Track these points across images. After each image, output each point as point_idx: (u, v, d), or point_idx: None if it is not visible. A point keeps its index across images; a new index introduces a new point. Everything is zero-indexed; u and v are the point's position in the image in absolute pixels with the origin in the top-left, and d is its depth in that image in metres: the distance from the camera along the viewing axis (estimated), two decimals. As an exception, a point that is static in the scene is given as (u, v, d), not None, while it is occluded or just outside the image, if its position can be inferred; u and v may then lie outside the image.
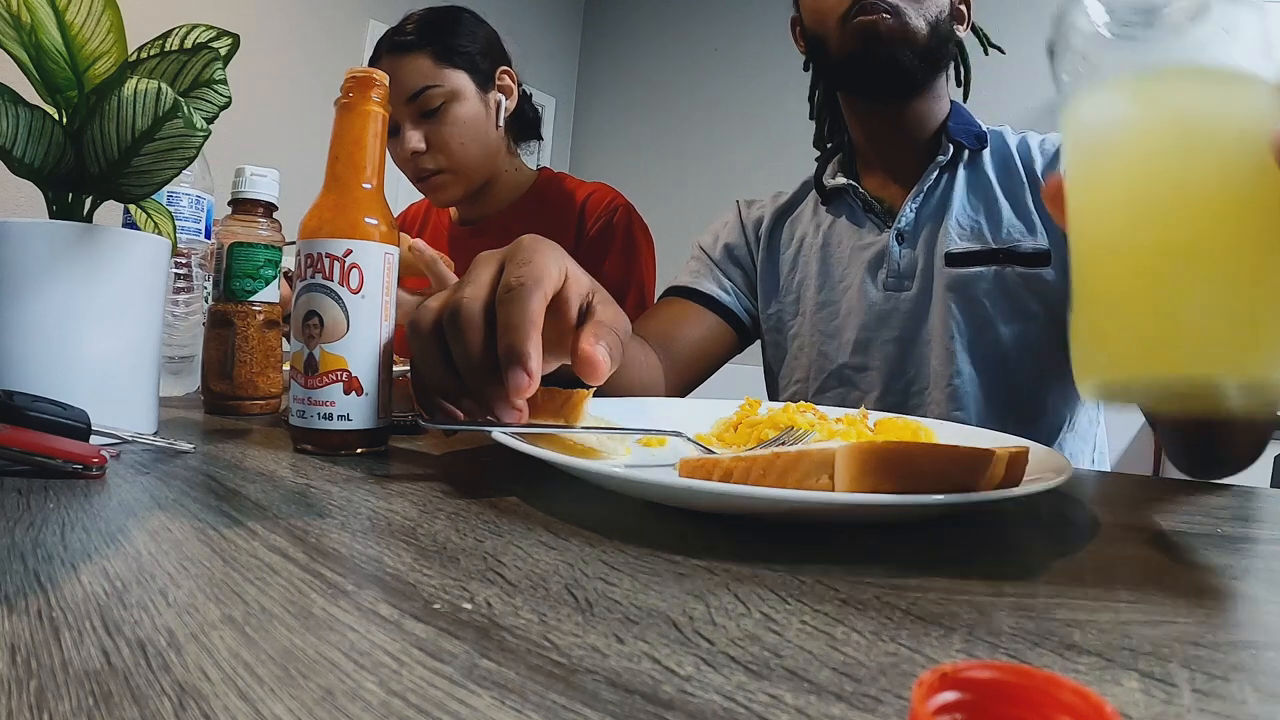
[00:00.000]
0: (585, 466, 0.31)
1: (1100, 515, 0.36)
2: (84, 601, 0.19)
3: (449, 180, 1.01)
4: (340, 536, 0.27)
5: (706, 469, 0.31)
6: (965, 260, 0.76)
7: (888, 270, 0.79)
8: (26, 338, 0.39)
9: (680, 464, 0.33)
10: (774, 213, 0.91)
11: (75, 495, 0.30)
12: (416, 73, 0.97)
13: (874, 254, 0.81)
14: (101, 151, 0.40)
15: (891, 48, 0.72)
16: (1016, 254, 0.74)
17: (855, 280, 0.81)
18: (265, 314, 0.59)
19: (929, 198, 0.79)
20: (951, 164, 0.79)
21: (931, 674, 0.13)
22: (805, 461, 0.28)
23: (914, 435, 0.47)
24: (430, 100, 0.97)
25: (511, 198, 1.10)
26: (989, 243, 0.75)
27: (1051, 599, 0.23)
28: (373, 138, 0.43)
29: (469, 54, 1.01)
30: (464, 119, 0.99)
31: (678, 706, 0.16)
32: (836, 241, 0.85)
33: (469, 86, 1.00)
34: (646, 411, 0.52)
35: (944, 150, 0.78)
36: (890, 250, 0.79)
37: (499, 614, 0.20)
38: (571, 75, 3.92)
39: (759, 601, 0.22)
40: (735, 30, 3.29)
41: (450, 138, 0.99)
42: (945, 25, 0.75)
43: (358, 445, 0.43)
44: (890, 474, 0.27)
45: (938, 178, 0.79)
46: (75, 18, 0.39)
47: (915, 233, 0.79)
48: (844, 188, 0.84)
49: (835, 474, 0.27)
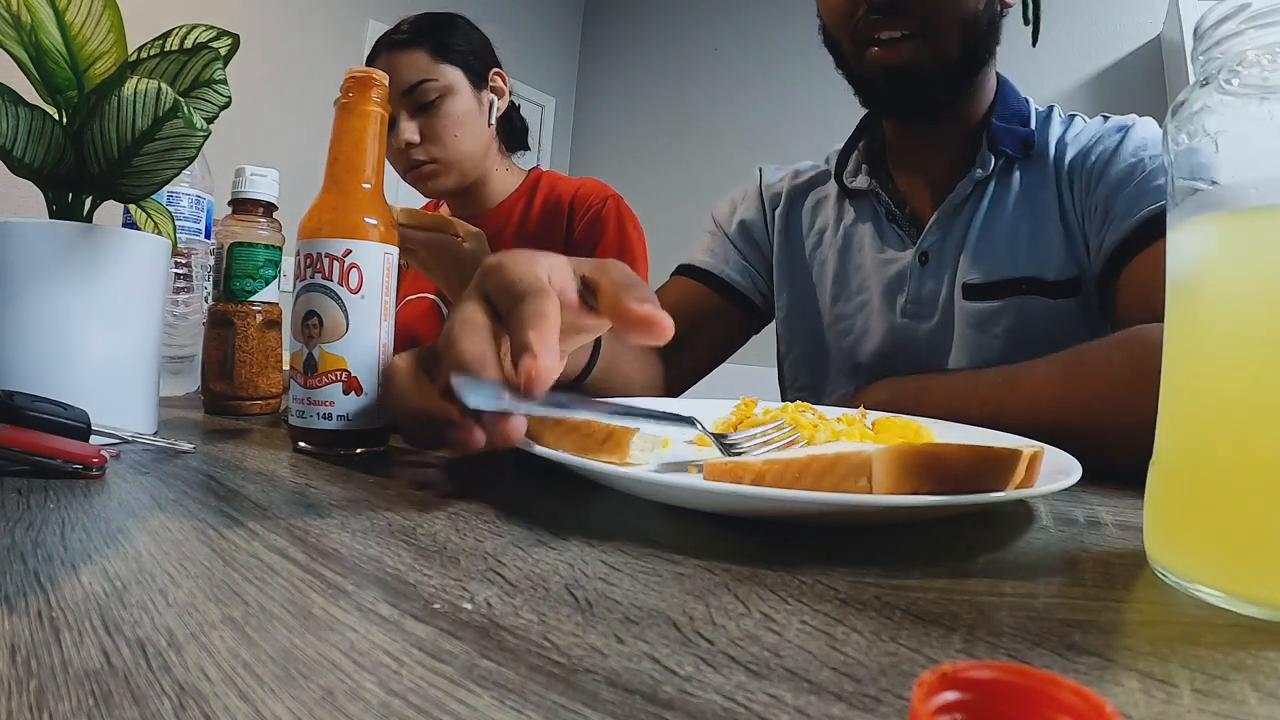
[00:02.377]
0: (618, 474, 0.30)
1: (1101, 515, 0.36)
2: (84, 601, 0.19)
3: (439, 170, 1.03)
4: (340, 536, 0.27)
5: (736, 473, 0.30)
6: (983, 293, 0.68)
7: (908, 297, 0.72)
8: (26, 338, 0.39)
9: (707, 467, 0.32)
10: (790, 191, 0.84)
11: (75, 495, 0.30)
12: (413, 67, 0.99)
13: (895, 274, 0.74)
14: (101, 151, 0.40)
15: (917, 84, 0.65)
16: (1041, 284, 0.67)
17: (874, 299, 0.75)
18: (265, 314, 0.59)
19: (958, 214, 0.71)
20: (988, 177, 0.70)
21: (931, 674, 0.13)
22: (842, 465, 0.28)
23: (915, 435, 0.47)
24: (426, 93, 0.99)
25: (502, 196, 1.12)
26: (1010, 273, 0.67)
27: (1051, 599, 0.23)
28: (372, 138, 0.43)
29: (464, 52, 1.03)
30: (458, 113, 1.01)
31: (678, 706, 0.16)
32: (858, 246, 0.77)
33: (463, 83, 1.03)
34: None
35: (983, 163, 0.69)
36: (911, 272, 0.72)
37: (499, 614, 0.20)
38: (571, 75, 3.92)
39: (759, 601, 0.22)
40: (735, 30, 3.29)
41: (444, 130, 1.00)
42: (986, 9, 0.65)
43: (357, 445, 0.42)
44: (929, 476, 0.27)
45: (971, 192, 0.70)
46: (75, 18, 0.39)
47: (940, 255, 0.71)
48: (868, 191, 0.76)
49: (873, 477, 0.27)
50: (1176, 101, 0.25)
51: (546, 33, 3.75)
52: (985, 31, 0.66)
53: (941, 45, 0.64)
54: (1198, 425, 0.25)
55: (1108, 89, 2.31)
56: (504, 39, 1.13)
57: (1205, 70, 0.24)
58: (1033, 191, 0.69)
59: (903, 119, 0.73)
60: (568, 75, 3.89)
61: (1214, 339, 0.24)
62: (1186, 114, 0.24)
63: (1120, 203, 0.62)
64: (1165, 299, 0.27)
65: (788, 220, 0.84)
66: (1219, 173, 0.24)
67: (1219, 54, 0.24)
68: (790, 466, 0.29)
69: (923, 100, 0.67)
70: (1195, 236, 0.25)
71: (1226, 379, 0.23)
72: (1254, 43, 0.23)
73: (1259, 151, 0.23)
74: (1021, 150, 0.69)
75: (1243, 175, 0.23)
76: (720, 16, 3.35)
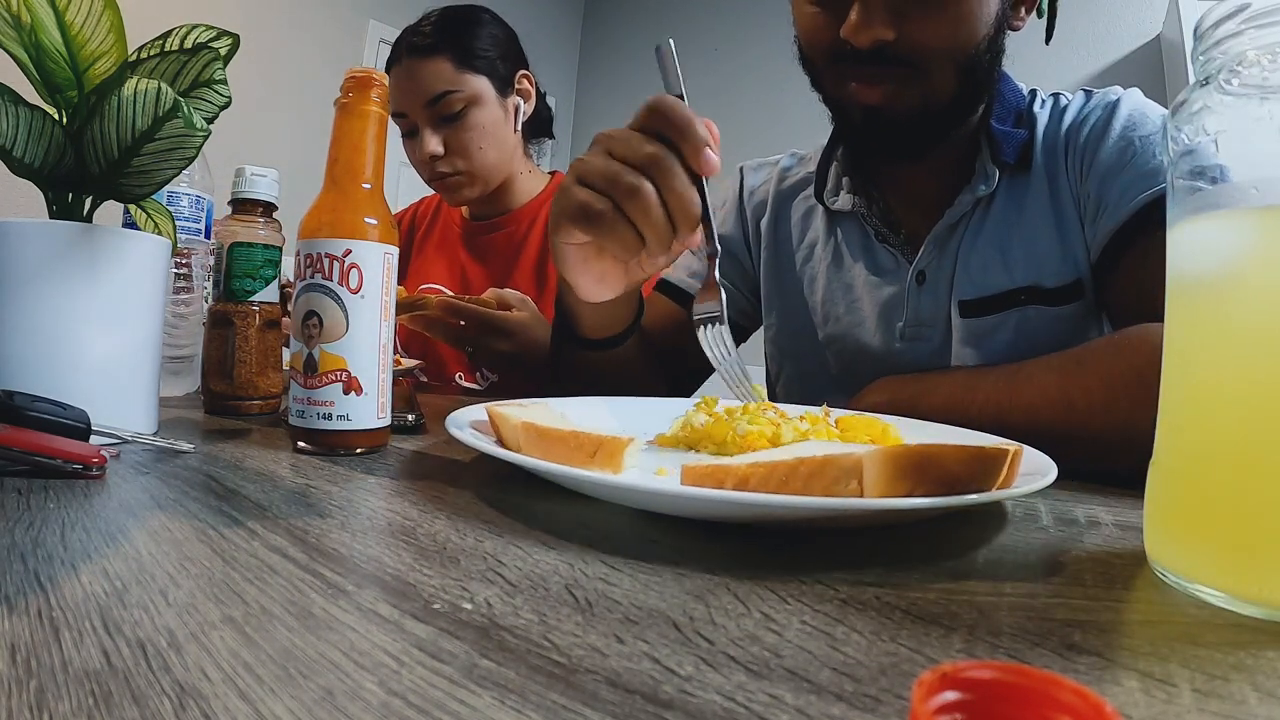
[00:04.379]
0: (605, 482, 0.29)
1: (1101, 515, 0.36)
2: (84, 601, 0.19)
3: (464, 182, 1.01)
4: (340, 536, 0.27)
5: (717, 477, 0.29)
6: (980, 308, 0.65)
7: (906, 320, 0.68)
8: (26, 338, 0.39)
9: (684, 471, 0.31)
10: (777, 197, 0.79)
11: (75, 495, 0.30)
12: (437, 77, 0.96)
13: (890, 296, 0.69)
14: (101, 151, 0.40)
15: (900, 128, 0.60)
16: (1040, 292, 0.63)
17: (869, 322, 0.71)
18: (265, 314, 0.59)
19: (954, 231, 0.66)
20: (992, 192, 0.65)
21: (931, 674, 0.13)
22: (831, 468, 0.28)
23: (882, 434, 0.45)
24: (450, 105, 0.96)
25: (526, 199, 1.10)
26: (1007, 284, 0.64)
27: (1051, 599, 0.23)
28: (372, 138, 0.43)
29: (490, 58, 1.00)
30: (483, 124, 0.99)
31: (678, 706, 0.16)
32: (850, 262, 0.72)
33: (489, 91, 1.00)
34: (600, 410, 0.51)
35: (986, 177, 0.64)
36: (909, 293, 0.68)
37: (499, 614, 0.20)
38: (571, 75, 3.92)
39: (759, 601, 0.22)
40: (735, 30, 3.29)
41: (469, 143, 0.98)
42: (990, 45, 0.59)
43: (358, 445, 0.42)
44: (923, 477, 0.27)
45: (973, 208, 0.66)
46: (75, 18, 0.39)
47: (937, 272, 0.67)
48: (853, 212, 0.71)
49: (865, 480, 0.27)
50: (1176, 101, 0.25)
51: (546, 33, 3.75)
52: (987, 68, 0.60)
53: (932, 86, 0.58)
54: (1197, 426, 0.25)
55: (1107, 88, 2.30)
56: (520, 39, 1.11)
57: (1205, 70, 0.24)
58: (1023, 195, 0.65)
59: (880, 162, 0.69)
60: (568, 75, 3.89)
61: (1214, 339, 0.24)
62: (1186, 114, 0.24)
63: (1113, 190, 0.60)
64: (1164, 298, 0.27)
65: (775, 233, 0.79)
66: (1219, 173, 0.24)
67: (1219, 54, 0.24)
68: (776, 469, 0.28)
69: (904, 145, 0.62)
70: (1195, 236, 0.25)
71: (1227, 379, 0.23)
72: (1254, 43, 0.23)
73: (1259, 151, 0.23)
74: (1019, 156, 0.64)
75: (1243, 175, 0.23)
76: (720, 16, 3.35)
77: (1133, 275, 0.59)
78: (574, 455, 0.33)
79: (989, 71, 0.61)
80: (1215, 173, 0.24)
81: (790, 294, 0.78)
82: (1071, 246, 0.63)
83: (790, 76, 0.67)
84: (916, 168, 0.68)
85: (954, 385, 0.58)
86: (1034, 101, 0.69)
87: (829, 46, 0.60)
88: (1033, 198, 0.64)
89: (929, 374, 0.62)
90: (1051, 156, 0.65)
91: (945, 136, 0.63)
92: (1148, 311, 0.50)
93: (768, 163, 0.85)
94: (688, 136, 0.44)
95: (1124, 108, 0.63)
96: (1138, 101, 0.64)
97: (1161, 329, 0.27)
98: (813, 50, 0.63)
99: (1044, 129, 0.66)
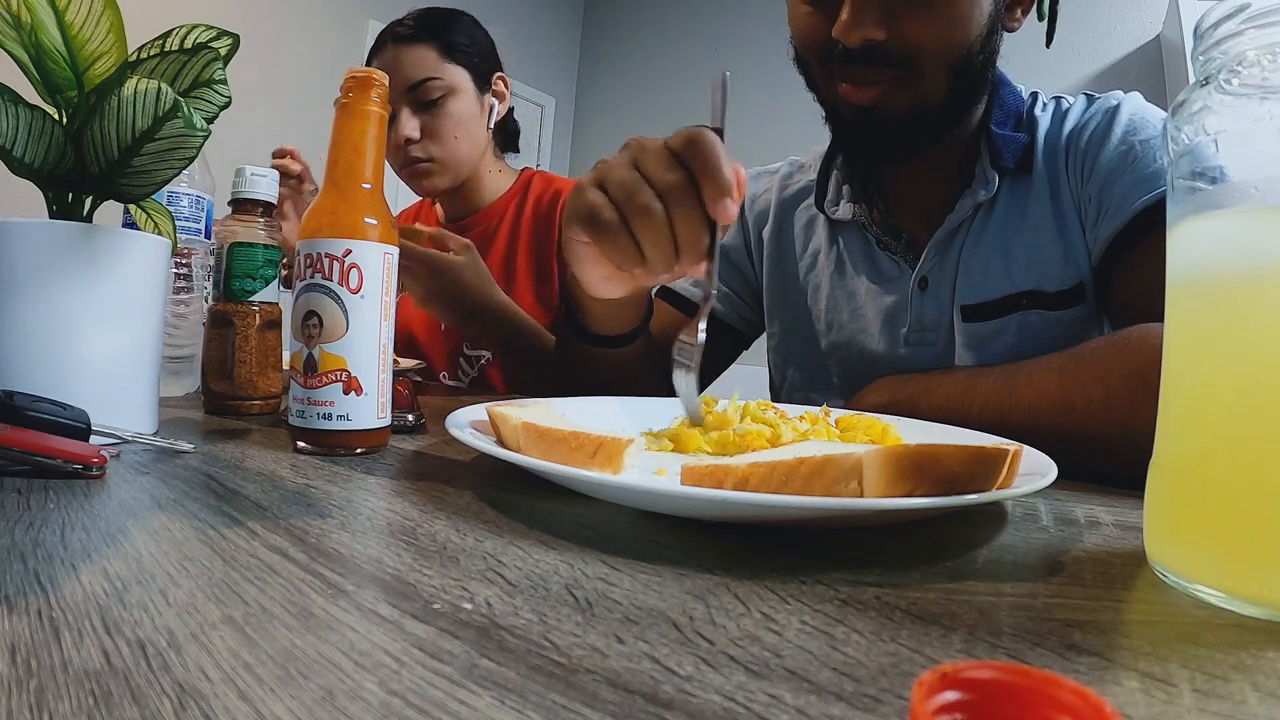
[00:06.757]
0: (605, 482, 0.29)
1: (1101, 515, 0.36)
2: (84, 601, 0.19)
3: (435, 169, 1.03)
4: (340, 536, 0.27)
5: (717, 477, 0.29)
6: (982, 313, 0.65)
7: (910, 326, 0.69)
8: (26, 338, 0.39)
9: (684, 471, 0.31)
10: (780, 206, 0.80)
11: (75, 495, 0.30)
12: (420, 63, 0.99)
13: (894, 303, 0.70)
14: (101, 151, 0.40)
15: (889, 129, 0.60)
16: (1042, 297, 0.63)
17: (873, 328, 0.71)
18: (265, 314, 0.59)
19: (956, 236, 0.66)
20: (992, 197, 0.65)
21: (931, 674, 0.13)
22: (832, 468, 0.28)
23: (882, 434, 0.46)
24: (430, 91, 0.99)
25: (494, 197, 1.12)
26: (1008, 289, 0.64)
27: (1051, 599, 0.23)
28: (372, 139, 0.43)
29: (470, 53, 1.03)
30: (459, 114, 1.01)
31: (678, 706, 0.16)
32: (853, 271, 0.73)
33: (468, 84, 1.03)
34: (600, 410, 0.51)
35: (986, 182, 0.64)
36: (912, 299, 0.68)
37: (499, 614, 0.20)
38: (571, 75, 3.92)
39: (759, 601, 0.22)
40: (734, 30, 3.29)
41: (444, 130, 1.01)
42: (983, 46, 0.59)
43: (358, 445, 0.42)
44: (923, 477, 0.27)
45: (974, 213, 0.66)
46: (75, 18, 0.39)
47: (940, 277, 0.67)
48: (854, 221, 0.72)
49: (865, 480, 0.27)
50: (1176, 101, 0.25)
51: (546, 33, 3.76)
52: (980, 69, 0.60)
53: (924, 87, 0.58)
54: (1197, 426, 0.25)
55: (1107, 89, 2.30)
56: (504, 39, 1.13)
57: (1205, 70, 0.24)
58: (1025, 199, 0.65)
59: (871, 164, 0.69)
60: (568, 75, 3.89)
61: (1214, 339, 0.24)
62: (1186, 114, 0.24)
63: (1114, 194, 0.60)
64: (1165, 298, 0.27)
65: (779, 243, 0.79)
66: (1219, 173, 0.24)
67: (1219, 54, 0.24)
68: (777, 469, 0.28)
69: (896, 146, 0.62)
70: (1195, 236, 0.25)
71: (1227, 379, 0.23)
72: (1254, 43, 0.23)
73: (1259, 151, 0.23)
74: (1019, 160, 0.64)
75: (1243, 175, 0.23)
76: (719, 17, 3.35)
77: (1133, 279, 0.59)
78: (574, 455, 0.33)
79: (982, 73, 0.62)
80: (1215, 173, 0.24)
81: (794, 302, 0.78)
82: (1073, 251, 0.63)
83: (790, 75, 0.67)
84: (916, 172, 0.68)
85: (953, 385, 0.58)
86: (1035, 105, 0.69)
87: (821, 46, 0.60)
88: (1034, 202, 0.65)
89: (928, 374, 0.62)
90: (1053, 161, 0.65)
91: (939, 138, 0.63)
92: (1148, 315, 0.50)
93: (766, 171, 0.86)
94: (715, 180, 0.44)
95: (1125, 112, 0.63)
96: (1138, 106, 0.64)
97: (1162, 329, 0.27)
98: (806, 50, 0.63)
99: (1045, 133, 0.66)
